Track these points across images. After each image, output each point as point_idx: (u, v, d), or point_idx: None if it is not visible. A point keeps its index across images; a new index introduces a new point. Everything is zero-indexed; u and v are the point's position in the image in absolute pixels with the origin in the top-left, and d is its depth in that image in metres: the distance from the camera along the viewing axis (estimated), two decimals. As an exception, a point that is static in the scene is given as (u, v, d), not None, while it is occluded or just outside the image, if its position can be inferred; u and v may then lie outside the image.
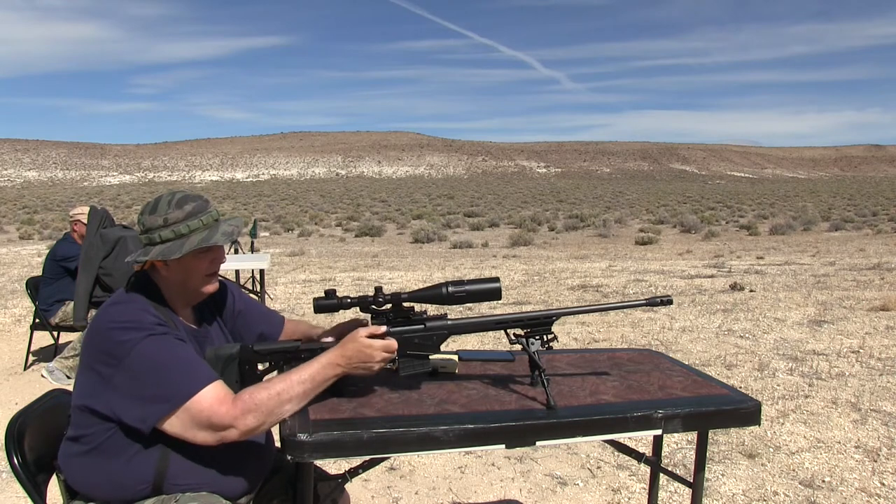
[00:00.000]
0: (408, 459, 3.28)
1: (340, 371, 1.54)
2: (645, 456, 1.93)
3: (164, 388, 1.42)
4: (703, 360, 5.00)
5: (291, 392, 1.47)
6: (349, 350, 1.53)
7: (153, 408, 1.42)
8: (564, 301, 7.97)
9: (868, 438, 3.51)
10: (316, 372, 1.51)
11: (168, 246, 1.54)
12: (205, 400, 1.42)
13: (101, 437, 1.48)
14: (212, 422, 1.42)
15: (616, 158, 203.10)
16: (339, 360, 1.53)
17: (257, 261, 6.87)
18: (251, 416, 1.43)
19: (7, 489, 3.04)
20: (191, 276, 1.60)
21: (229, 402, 1.43)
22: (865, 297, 7.56)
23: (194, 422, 1.42)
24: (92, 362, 1.47)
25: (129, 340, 1.43)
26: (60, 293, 4.77)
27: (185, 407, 1.41)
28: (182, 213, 1.56)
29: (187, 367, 1.45)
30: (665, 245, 18.88)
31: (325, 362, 1.52)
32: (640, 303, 1.77)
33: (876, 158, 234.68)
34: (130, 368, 1.42)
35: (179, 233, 1.55)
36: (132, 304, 1.52)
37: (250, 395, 1.45)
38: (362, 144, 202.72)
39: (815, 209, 35.42)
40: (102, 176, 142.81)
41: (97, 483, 1.50)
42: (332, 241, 21.76)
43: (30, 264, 12.33)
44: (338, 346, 1.56)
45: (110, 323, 1.47)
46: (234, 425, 1.42)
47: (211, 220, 1.60)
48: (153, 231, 1.56)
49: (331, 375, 1.53)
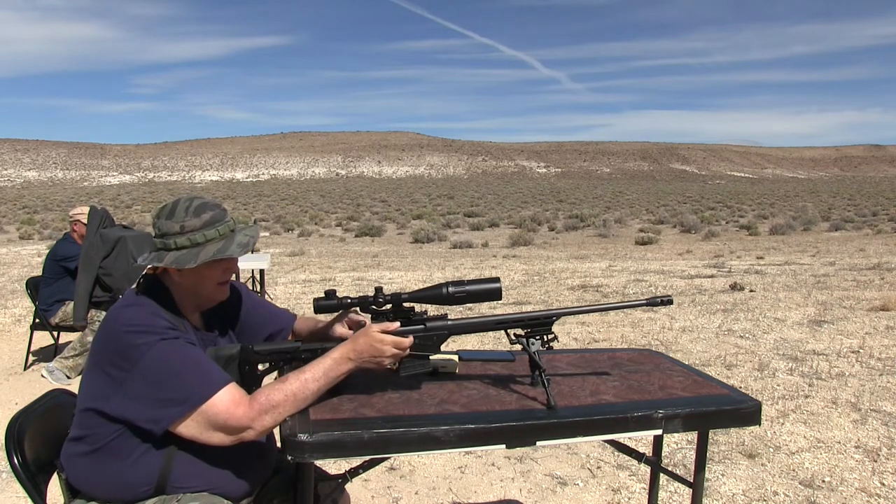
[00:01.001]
0: (408, 459, 3.28)
1: (352, 365, 1.55)
2: (645, 456, 1.93)
3: (179, 391, 1.42)
4: (703, 360, 5.00)
5: (307, 391, 1.49)
6: (360, 344, 1.54)
7: (168, 411, 1.42)
8: (564, 301, 7.97)
9: (868, 438, 3.51)
10: (329, 368, 1.52)
11: (183, 254, 1.54)
12: (221, 402, 1.43)
13: (107, 439, 1.48)
14: (228, 424, 1.43)
15: (616, 158, 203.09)
16: (351, 355, 1.54)
17: (257, 261, 6.88)
18: (268, 416, 1.45)
19: (7, 489, 3.04)
20: (203, 284, 1.61)
21: (246, 403, 1.44)
22: (865, 297, 7.56)
23: (210, 424, 1.43)
24: (103, 365, 1.47)
25: (143, 344, 1.43)
26: (60, 293, 4.77)
27: (200, 410, 1.42)
28: (199, 221, 1.56)
29: (201, 370, 1.45)
30: (665, 245, 18.87)
31: (337, 357, 1.53)
32: (640, 303, 1.77)
33: (876, 158, 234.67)
34: (144, 372, 1.43)
35: (195, 241, 1.55)
36: (144, 308, 1.52)
37: (266, 396, 1.46)
38: (362, 144, 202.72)
39: (815, 209, 35.42)
40: (102, 176, 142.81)
41: (100, 483, 1.51)
42: (332, 241, 21.76)
43: (30, 264, 12.33)
44: (349, 340, 1.57)
45: (123, 326, 1.47)
46: (252, 426, 1.44)
47: (227, 231, 1.60)
48: (169, 237, 1.55)
49: (343, 370, 1.54)
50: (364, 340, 1.55)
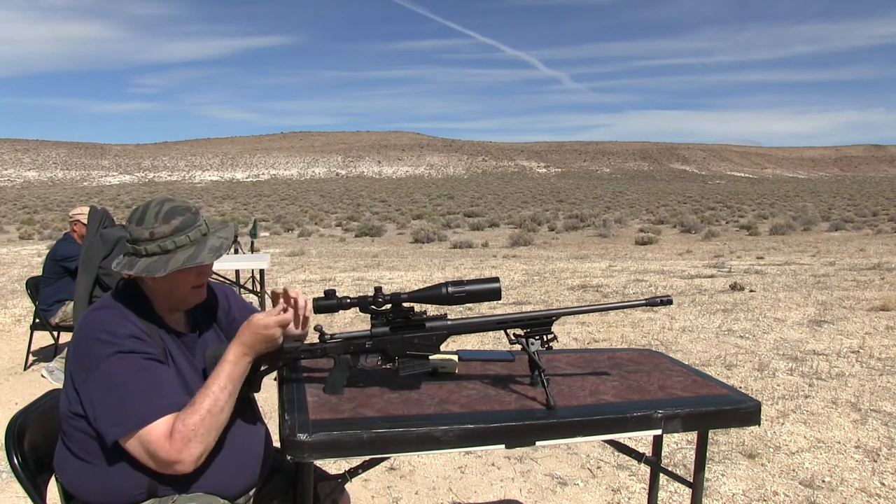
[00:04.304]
0: (408, 459, 3.28)
1: (249, 359, 1.52)
2: (645, 456, 1.93)
3: (118, 411, 1.40)
4: (703, 360, 5.00)
5: (220, 401, 1.45)
6: (248, 337, 1.50)
7: (109, 428, 1.41)
8: (564, 301, 7.97)
9: (868, 438, 3.51)
10: (231, 371, 1.49)
11: (153, 261, 1.52)
12: (154, 432, 1.39)
13: (93, 442, 1.47)
14: (158, 456, 1.39)
15: (616, 158, 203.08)
16: (245, 350, 1.51)
17: (257, 261, 6.87)
18: (193, 444, 1.40)
19: (7, 489, 3.04)
20: (177, 289, 1.58)
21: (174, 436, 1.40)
22: (865, 297, 7.55)
23: (146, 451, 1.40)
24: (71, 365, 1.49)
25: (98, 355, 1.43)
26: (60, 293, 4.77)
27: (137, 435, 1.40)
28: (169, 227, 1.53)
29: (146, 394, 1.42)
30: (665, 245, 18.87)
31: (233, 358, 1.50)
32: (640, 303, 1.76)
33: (876, 158, 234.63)
34: (96, 383, 1.42)
35: (165, 248, 1.52)
36: (112, 312, 1.51)
37: (182, 423, 1.40)
38: (362, 144, 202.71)
39: (815, 209, 35.42)
40: (102, 176, 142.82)
41: (91, 488, 1.50)
42: (332, 241, 21.76)
43: (30, 264, 12.33)
44: (235, 339, 1.52)
45: (89, 330, 1.47)
46: (180, 459, 1.39)
47: (199, 235, 1.56)
48: (140, 243, 1.53)
49: (243, 367, 1.51)
50: (248, 333, 1.50)
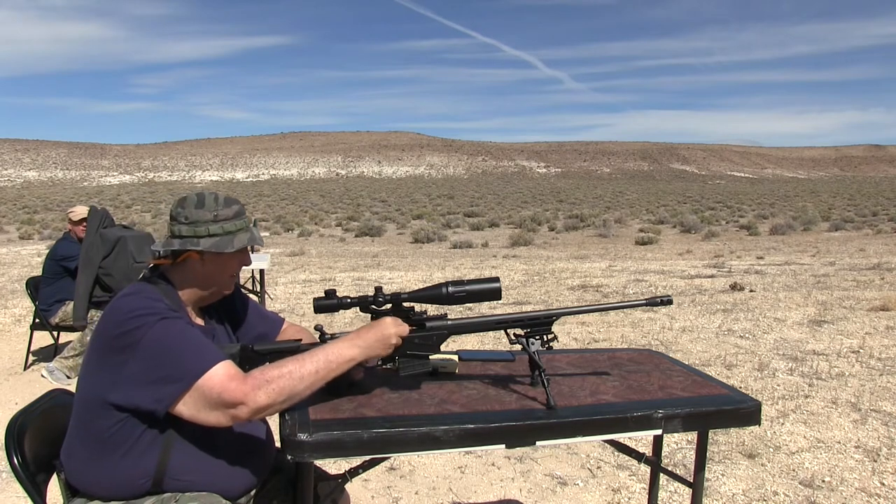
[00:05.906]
0: (408, 459, 3.28)
1: (357, 352, 1.54)
2: (645, 456, 1.93)
3: (176, 368, 1.43)
4: (703, 360, 5.00)
5: (302, 370, 1.46)
6: (371, 336, 1.56)
7: (167, 388, 1.43)
8: (564, 301, 7.97)
9: (868, 438, 3.51)
10: (330, 352, 1.51)
11: (219, 240, 1.61)
12: (216, 376, 1.42)
13: (108, 431, 1.48)
14: (223, 398, 1.42)
15: (616, 158, 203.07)
16: (360, 344, 1.54)
17: (257, 261, 6.87)
18: (262, 392, 1.42)
19: (7, 489, 3.04)
20: (222, 273, 1.66)
21: (240, 378, 1.44)
22: (865, 297, 7.56)
23: (206, 400, 1.42)
24: (106, 353, 1.48)
25: (144, 325, 1.45)
26: (60, 293, 4.77)
27: (196, 385, 1.42)
28: (231, 211, 1.65)
29: (197, 348, 1.46)
30: (665, 245, 18.87)
31: (341, 345, 1.53)
32: (640, 303, 1.77)
33: (876, 158, 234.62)
34: (144, 352, 1.44)
35: (227, 230, 1.62)
36: (143, 294, 1.54)
37: (261, 371, 1.45)
38: (362, 144, 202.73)
39: (815, 209, 35.39)
40: (102, 176, 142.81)
41: (98, 479, 1.51)
42: (332, 241, 21.76)
43: (30, 264, 12.33)
44: (357, 331, 1.56)
45: (122, 313, 1.48)
46: (245, 402, 1.42)
47: (248, 224, 1.69)
48: (200, 224, 1.60)
49: (346, 356, 1.53)
50: (375, 332, 1.56)
